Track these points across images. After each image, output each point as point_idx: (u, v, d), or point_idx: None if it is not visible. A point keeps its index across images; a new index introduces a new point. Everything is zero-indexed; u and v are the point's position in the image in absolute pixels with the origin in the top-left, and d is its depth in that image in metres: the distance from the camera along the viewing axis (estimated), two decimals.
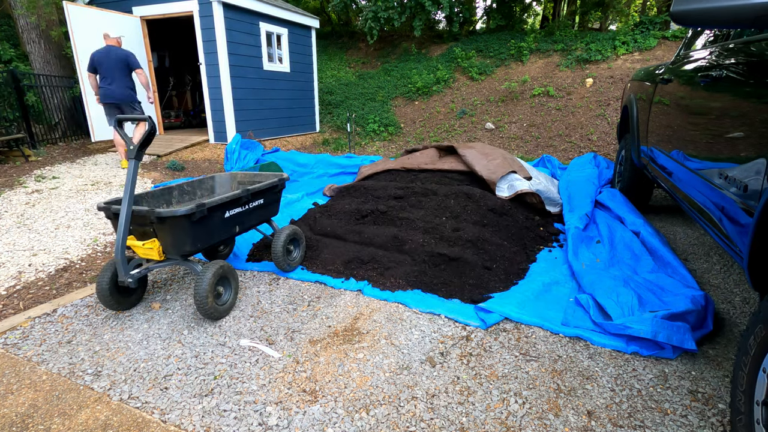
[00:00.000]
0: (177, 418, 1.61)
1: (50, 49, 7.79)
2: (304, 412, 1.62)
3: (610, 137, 6.74)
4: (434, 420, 1.58)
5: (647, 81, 3.25)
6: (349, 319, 2.27)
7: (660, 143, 2.70)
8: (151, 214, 2.10)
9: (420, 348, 2.01)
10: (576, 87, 8.04)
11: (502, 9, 11.59)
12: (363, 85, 10.40)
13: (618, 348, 1.95)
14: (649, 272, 2.56)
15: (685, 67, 2.46)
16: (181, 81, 11.00)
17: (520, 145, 7.23)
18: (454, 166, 4.22)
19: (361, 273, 2.69)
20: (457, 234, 2.92)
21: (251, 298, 2.51)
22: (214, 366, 1.90)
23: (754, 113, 1.52)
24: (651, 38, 8.32)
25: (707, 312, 2.08)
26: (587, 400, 1.66)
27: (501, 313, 2.20)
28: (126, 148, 2.21)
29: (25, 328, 2.24)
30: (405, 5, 10.45)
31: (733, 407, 1.33)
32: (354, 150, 7.85)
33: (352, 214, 3.39)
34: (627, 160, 3.70)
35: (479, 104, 8.57)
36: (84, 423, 1.59)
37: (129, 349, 2.04)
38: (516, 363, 1.89)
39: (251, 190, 2.51)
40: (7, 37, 9.97)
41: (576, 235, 3.04)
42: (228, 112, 7.44)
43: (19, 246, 3.37)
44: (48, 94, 7.52)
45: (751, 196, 1.45)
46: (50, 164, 6.21)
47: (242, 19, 7.46)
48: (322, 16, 13.85)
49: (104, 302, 2.24)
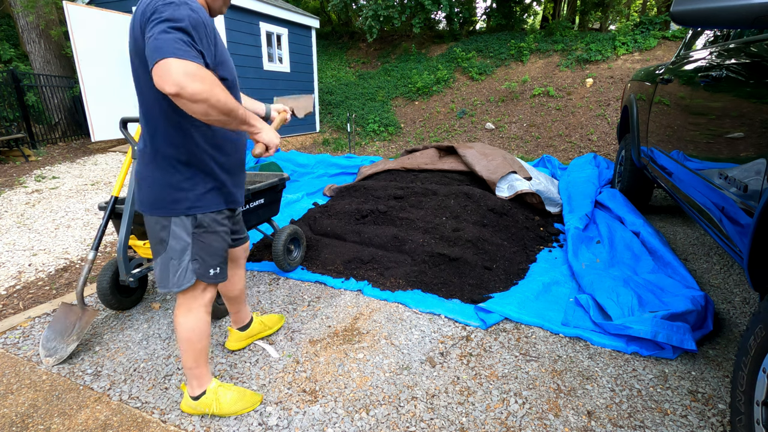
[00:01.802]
0: (177, 418, 1.61)
1: (50, 49, 7.79)
2: (304, 412, 1.62)
3: (610, 137, 6.74)
4: (434, 420, 1.58)
5: (647, 81, 3.25)
6: (349, 319, 2.27)
7: (660, 143, 2.70)
8: None
9: (420, 348, 2.01)
10: (576, 87, 8.04)
11: (502, 9, 11.59)
12: (363, 85, 10.40)
13: (618, 348, 1.95)
14: (649, 272, 2.56)
15: (685, 68, 2.46)
16: None
17: (520, 145, 7.23)
18: (454, 166, 4.22)
19: (361, 273, 2.69)
20: (457, 234, 2.92)
21: (251, 298, 2.51)
22: (214, 366, 1.90)
23: (754, 113, 1.52)
24: (651, 38, 8.32)
25: (707, 312, 2.08)
26: (587, 400, 1.66)
27: (501, 313, 2.20)
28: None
29: (25, 328, 2.24)
30: (405, 5, 10.44)
31: (733, 407, 1.33)
32: (354, 150, 7.85)
33: (352, 214, 3.39)
34: (627, 160, 3.70)
35: (479, 104, 8.57)
36: (84, 423, 1.59)
37: (129, 349, 2.04)
38: (516, 363, 1.89)
39: (252, 190, 2.51)
40: (7, 37, 9.97)
41: (576, 236, 3.04)
42: None
43: (19, 246, 3.37)
44: (48, 94, 7.52)
45: (751, 196, 1.45)
46: (50, 164, 6.21)
47: (242, 19, 7.46)
48: (322, 16, 13.85)
49: (105, 302, 2.24)
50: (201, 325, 1.53)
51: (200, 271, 1.47)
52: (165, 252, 1.43)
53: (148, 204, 1.41)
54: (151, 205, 1.40)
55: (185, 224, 1.41)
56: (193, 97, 1.10)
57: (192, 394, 1.58)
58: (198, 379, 1.58)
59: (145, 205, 1.42)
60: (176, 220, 1.40)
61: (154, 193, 1.39)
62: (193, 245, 1.44)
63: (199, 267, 1.46)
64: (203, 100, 1.12)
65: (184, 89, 1.09)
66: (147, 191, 1.40)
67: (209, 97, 1.13)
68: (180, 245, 1.42)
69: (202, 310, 1.53)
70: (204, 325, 1.54)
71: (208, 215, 1.45)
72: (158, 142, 1.35)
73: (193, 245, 1.44)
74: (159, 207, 1.39)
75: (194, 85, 1.10)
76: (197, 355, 1.54)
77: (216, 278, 1.52)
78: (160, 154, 1.36)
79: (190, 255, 1.44)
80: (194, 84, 1.10)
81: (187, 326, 1.51)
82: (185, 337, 1.51)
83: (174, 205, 1.38)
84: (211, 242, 1.47)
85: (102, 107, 6.79)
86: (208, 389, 1.59)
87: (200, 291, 1.52)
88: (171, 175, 1.37)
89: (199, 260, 1.46)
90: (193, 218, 1.42)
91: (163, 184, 1.38)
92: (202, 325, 1.53)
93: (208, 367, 1.61)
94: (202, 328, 1.53)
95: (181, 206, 1.39)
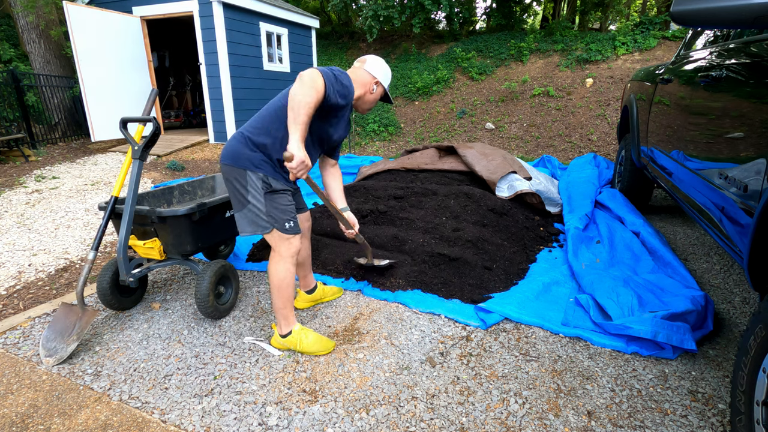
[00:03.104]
0: (177, 418, 1.61)
1: (50, 49, 7.79)
2: (304, 412, 1.62)
3: (610, 137, 6.74)
4: (434, 420, 1.58)
5: (647, 81, 3.25)
6: (349, 319, 2.27)
7: (660, 143, 2.70)
8: (152, 214, 2.11)
9: (420, 348, 2.01)
10: (576, 87, 8.04)
11: (502, 9, 11.58)
12: None
13: (618, 348, 1.95)
14: (649, 272, 2.56)
15: (685, 68, 2.46)
16: (181, 81, 11.01)
17: (520, 145, 7.23)
18: (454, 166, 4.22)
19: (361, 273, 2.69)
20: (457, 234, 2.92)
21: (251, 298, 2.51)
22: (214, 366, 1.90)
23: (754, 113, 1.52)
24: (651, 38, 8.32)
25: (707, 312, 2.08)
26: (587, 400, 1.66)
27: (501, 313, 2.20)
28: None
29: (25, 328, 2.24)
30: (405, 5, 10.44)
31: (733, 407, 1.33)
32: (354, 150, 7.85)
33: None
34: (627, 160, 3.70)
35: (479, 104, 8.57)
36: (84, 423, 1.59)
37: (129, 349, 2.04)
38: (516, 363, 1.89)
39: None
40: (7, 37, 9.98)
41: (576, 236, 3.04)
42: (228, 112, 7.44)
43: (19, 246, 3.37)
44: (48, 94, 7.52)
45: (751, 196, 1.45)
46: (50, 164, 6.21)
47: (242, 19, 7.46)
48: (322, 16, 13.85)
49: (105, 302, 2.24)
50: (288, 275, 1.88)
51: (277, 225, 1.83)
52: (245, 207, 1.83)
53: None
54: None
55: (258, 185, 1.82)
56: (294, 97, 1.60)
57: (281, 332, 1.96)
58: (286, 319, 1.94)
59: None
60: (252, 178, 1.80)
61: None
62: (266, 203, 1.82)
63: (274, 221, 1.83)
64: (299, 95, 1.60)
65: (296, 92, 1.59)
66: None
67: (304, 95, 1.60)
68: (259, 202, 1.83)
69: (290, 261, 1.88)
70: (290, 275, 1.89)
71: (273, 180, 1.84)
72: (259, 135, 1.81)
73: (266, 203, 1.82)
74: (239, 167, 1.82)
75: (302, 90, 1.61)
76: (285, 299, 1.91)
77: (292, 230, 1.86)
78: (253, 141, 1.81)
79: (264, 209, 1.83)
80: (303, 90, 1.61)
81: (278, 275, 1.86)
82: (276, 284, 1.87)
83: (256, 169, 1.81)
84: (280, 200, 1.85)
85: (102, 107, 6.79)
86: (294, 330, 1.95)
87: (284, 242, 1.85)
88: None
89: (274, 215, 1.83)
90: (265, 180, 1.80)
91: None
92: (289, 275, 1.88)
93: (293, 311, 1.98)
94: (289, 277, 1.88)
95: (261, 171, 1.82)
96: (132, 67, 7.26)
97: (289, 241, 1.86)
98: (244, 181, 1.81)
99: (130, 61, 7.22)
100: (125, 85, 7.18)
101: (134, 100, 7.33)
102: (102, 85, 6.79)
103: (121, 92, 7.13)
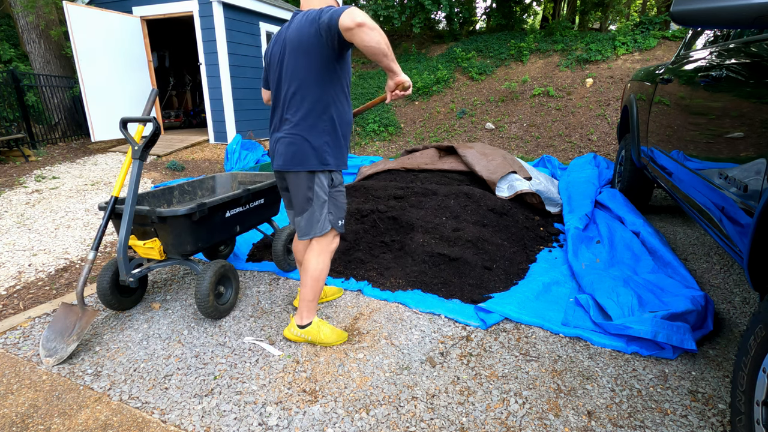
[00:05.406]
0: (177, 418, 1.61)
1: (50, 49, 7.79)
2: (304, 412, 1.62)
3: (610, 137, 6.74)
4: (434, 420, 1.58)
5: (647, 81, 3.25)
6: (349, 319, 2.27)
7: (660, 143, 2.70)
8: (152, 214, 2.11)
9: (420, 348, 2.01)
10: (576, 87, 8.04)
11: (502, 9, 11.58)
12: (363, 85, 10.39)
13: (618, 348, 1.95)
14: (649, 272, 2.56)
15: (685, 67, 2.46)
16: (181, 81, 11.01)
17: (520, 145, 7.23)
18: (454, 166, 4.22)
19: (361, 273, 2.69)
20: (457, 234, 2.92)
21: (251, 298, 2.51)
22: (214, 366, 1.90)
23: (754, 113, 1.52)
24: (651, 38, 8.32)
25: (707, 312, 2.08)
26: (587, 400, 1.66)
27: (501, 313, 2.20)
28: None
29: (25, 328, 2.24)
30: (405, 5, 10.44)
31: (733, 407, 1.33)
32: (354, 150, 7.85)
33: (352, 214, 3.39)
34: (627, 160, 3.70)
35: (479, 104, 8.57)
36: (84, 423, 1.59)
37: (129, 349, 2.04)
38: (516, 363, 1.89)
39: (252, 190, 2.51)
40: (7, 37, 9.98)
41: (576, 236, 3.04)
42: (228, 112, 7.44)
43: (19, 246, 3.37)
44: (48, 94, 7.52)
45: (751, 196, 1.45)
46: (50, 164, 6.21)
47: (242, 19, 7.46)
48: None
49: (105, 302, 2.24)
50: (327, 268, 1.97)
51: (333, 221, 1.92)
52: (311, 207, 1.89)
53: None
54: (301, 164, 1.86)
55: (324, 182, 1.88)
56: (373, 27, 1.53)
57: (300, 323, 2.00)
58: (309, 311, 1.99)
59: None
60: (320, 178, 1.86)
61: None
62: (329, 201, 1.89)
63: (333, 218, 1.91)
64: (377, 29, 1.55)
65: (366, 21, 1.53)
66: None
67: (380, 30, 1.56)
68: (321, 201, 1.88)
69: (329, 256, 1.97)
70: (327, 269, 1.97)
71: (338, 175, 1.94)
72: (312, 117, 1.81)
73: (329, 201, 1.90)
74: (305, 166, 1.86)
75: (371, 21, 1.55)
76: (318, 290, 1.98)
77: (342, 228, 1.96)
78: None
79: (327, 209, 1.90)
80: (371, 21, 1.55)
81: (319, 266, 1.93)
82: (315, 276, 1.93)
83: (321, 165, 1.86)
84: (339, 198, 1.94)
85: (102, 107, 6.79)
86: (313, 321, 2.01)
87: (332, 238, 1.95)
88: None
89: (333, 213, 1.92)
90: (329, 175, 1.87)
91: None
92: (326, 268, 1.96)
93: (317, 304, 2.07)
94: (327, 270, 1.97)
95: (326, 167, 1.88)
96: (132, 67, 7.26)
97: (336, 238, 1.99)
98: (311, 182, 1.86)
99: (130, 61, 7.22)
100: (125, 85, 7.18)
101: (134, 100, 7.33)
102: (102, 85, 6.79)
103: (121, 92, 7.13)
